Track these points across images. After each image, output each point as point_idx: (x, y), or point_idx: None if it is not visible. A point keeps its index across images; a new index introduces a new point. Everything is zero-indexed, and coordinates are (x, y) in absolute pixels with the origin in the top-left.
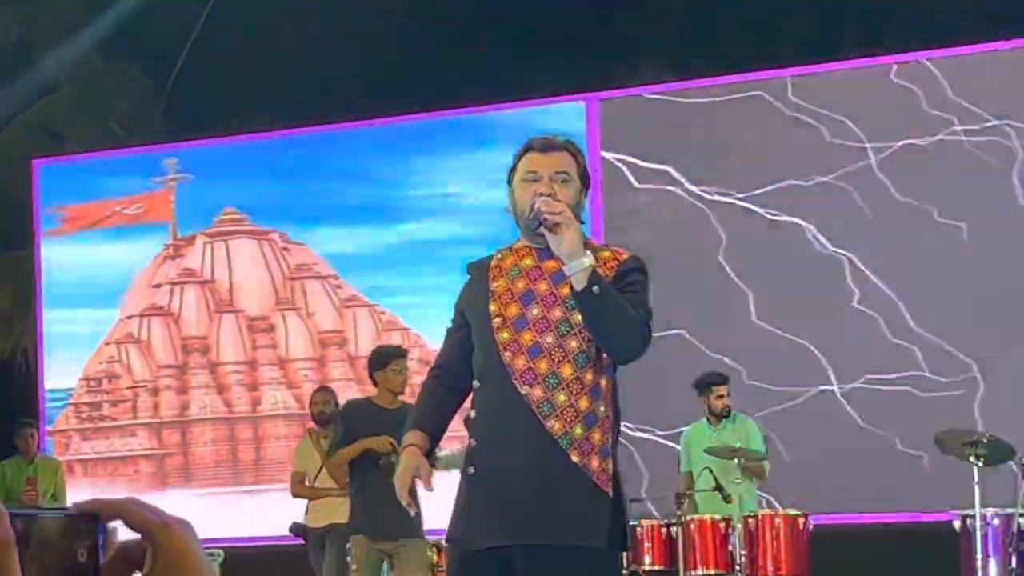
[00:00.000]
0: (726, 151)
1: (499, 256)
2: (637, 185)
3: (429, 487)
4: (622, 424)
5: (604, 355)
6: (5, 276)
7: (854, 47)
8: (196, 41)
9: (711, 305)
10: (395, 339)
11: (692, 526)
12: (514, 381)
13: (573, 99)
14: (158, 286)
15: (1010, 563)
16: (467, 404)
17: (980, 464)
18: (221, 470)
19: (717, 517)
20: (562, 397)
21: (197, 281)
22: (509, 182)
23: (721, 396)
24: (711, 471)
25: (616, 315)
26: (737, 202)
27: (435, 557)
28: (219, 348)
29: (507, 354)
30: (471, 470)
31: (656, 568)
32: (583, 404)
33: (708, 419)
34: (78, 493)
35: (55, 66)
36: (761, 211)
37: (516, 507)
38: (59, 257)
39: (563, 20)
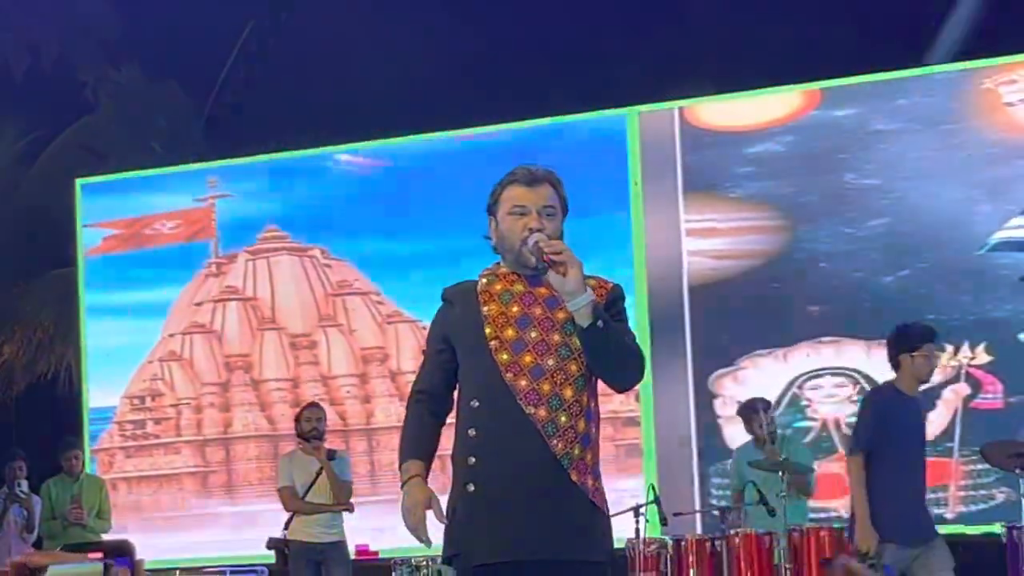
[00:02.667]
0: None
1: (484, 282)
2: None
3: (443, 520)
4: None
5: (596, 379)
6: (48, 294)
7: None
8: (236, 59)
9: None
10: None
11: (736, 540)
12: (519, 401)
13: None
14: (200, 304)
15: None
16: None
17: None
18: (265, 487)
19: (761, 531)
20: (564, 418)
21: (239, 298)
22: (491, 212)
23: (763, 425)
24: (755, 485)
25: (619, 347)
26: None
27: None
28: (262, 365)
29: (508, 375)
30: (471, 488)
31: None
32: (580, 425)
33: (755, 442)
34: (122, 511)
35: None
36: None
37: (523, 523)
38: (101, 275)
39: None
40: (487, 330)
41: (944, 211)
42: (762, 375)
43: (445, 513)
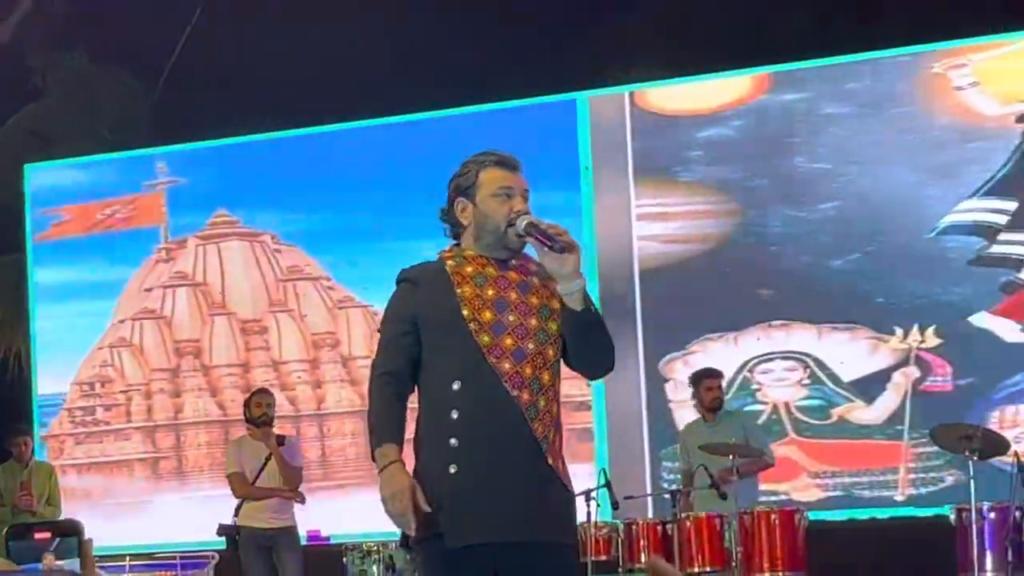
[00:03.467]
0: None
1: (453, 263)
2: None
3: (426, 506)
4: None
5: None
6: None
7: None
8: (185, 44)
9: None
10: None
11: (688, 523)
12: (504, 384)
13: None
14: (150, 290)
15: (1006, 556)
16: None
17: (975, 458)
18: (215, 473)
19: (712, 513)
20: (542, 402)
21: (189, 284)
22: (465, 194)
23: (711, 389)
24: (706, 468)
25: (603, 334)
26: None
27: None
28: (212, 351)
29: (492, 358)
30: (453, 469)
31: None
32: (554, 410)
33: (703, 415)
34: (72, 498)
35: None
36: None
37: (507, 505)
38: (50, 261)
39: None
40: (464, 312)
41: (894, 195)
42: (713, 359)
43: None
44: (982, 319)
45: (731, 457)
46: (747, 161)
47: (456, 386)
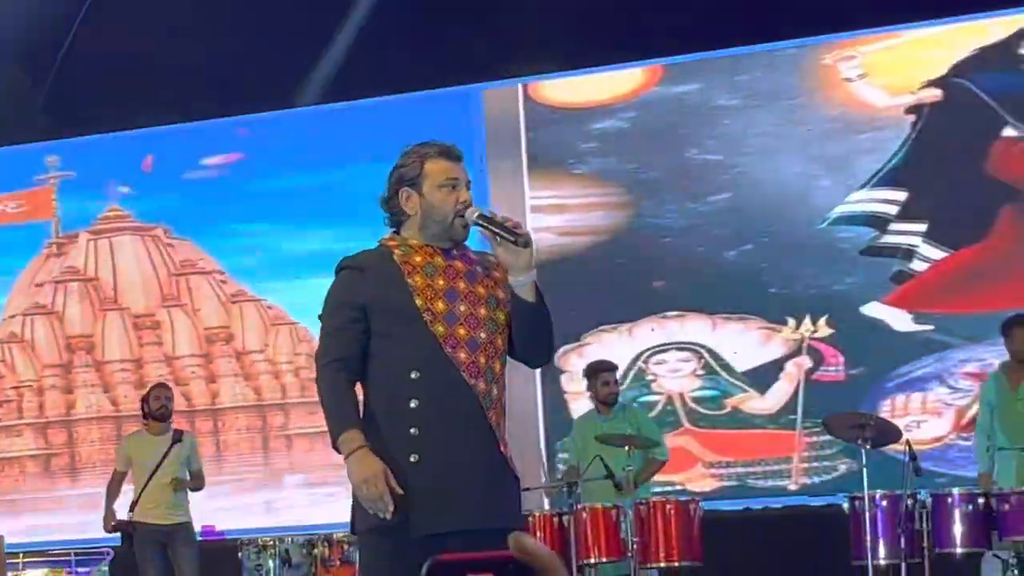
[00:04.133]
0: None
1: (401, 252)
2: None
3: (399, 490)
4: None
5: None
6: None
7: None
8: (76, 36)
9: None
10: (283, 334)
11: (584, 514)
12: (462, 373)
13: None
14: (41, 285)
15: (899, 544)
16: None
17: (868, 447)
18: (109, 469)
19: (608, 504)
20: (495, 390)
21: (81, 279)
22: (410, 184)
23: (607, 383)
24: (601, 459)
25: (550, 325)
26: None
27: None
28: (104, 346)
29: (448, 348)
30: (413, 458)
31: None
32: (504, 398)
33: (597, 408)
34: None
35: None
36: None
37: (469, 493)
38: None
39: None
40: (418, 301)
41: (785, 186)
42: (607, 350)
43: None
44: (874, 309)
45: (626, 449)
46: (640, 153)
47: (414, 375)
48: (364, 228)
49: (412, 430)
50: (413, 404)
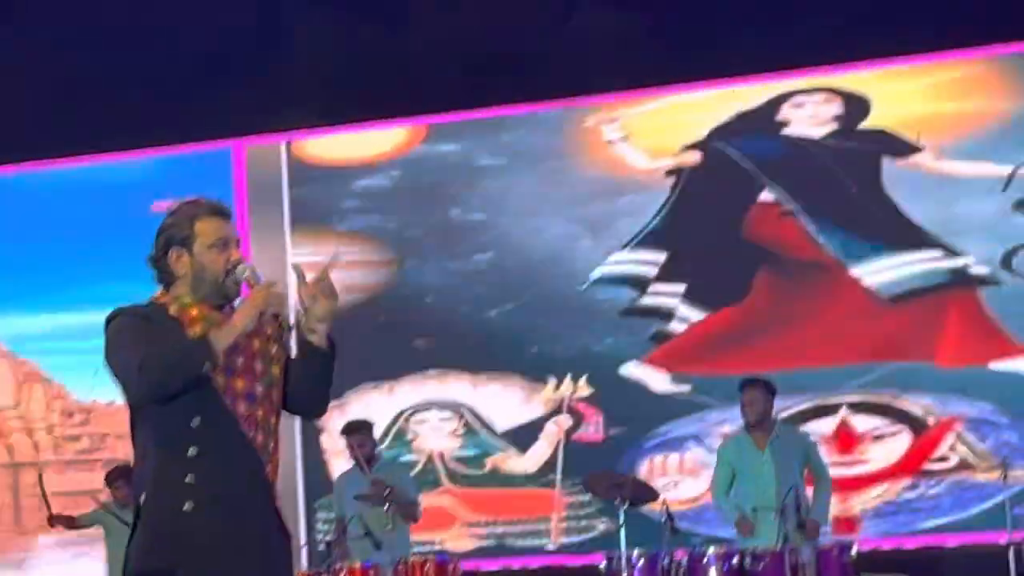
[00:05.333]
0: None
1: (176, 307)
2: None
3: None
4: None
5: None
6: None
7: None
8: None
9: None
10: (37, 391)
11: (342, 573)
12: (241, 425)
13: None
14: None
15: None
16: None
17: (626, 506)
18: None
19: (367, 564)
20: (271, 444)
21: None
22: (180, 244)
23: (362, 444)
24: (361, 517)
25: (331, 375)
26: None
27: None
28: None
29: (227, 399)
30: (188, 506)
31: None
32: (279, 454)
33: (359, 466)
34: None
35: None
36: None
37: (242, 545)
38: None
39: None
40: None
41: (547, 246)
42: (369, 408)
43: (148, 528)
44: (633, 369)
45: (385, 507)
46: (404, 212)
47: (195, 423)
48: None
49: (188, 477)
50: (191, 452)
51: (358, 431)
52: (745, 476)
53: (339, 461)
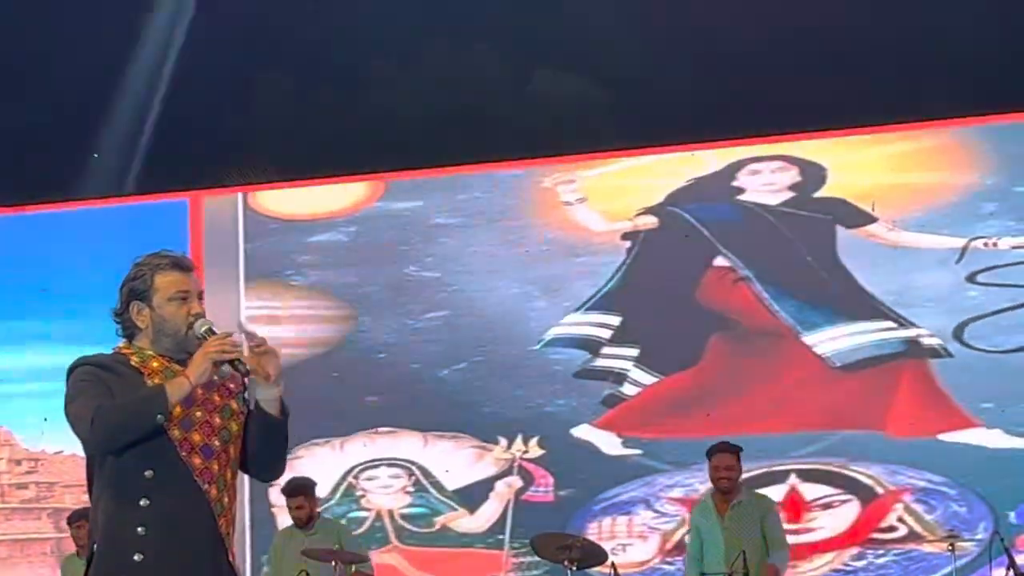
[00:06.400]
0: None
1: (138, 359)
2: None
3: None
4: None
5: None
6: None
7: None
8: None
9: None
10: None
11: None
12: (196, 478)
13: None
14: None
15: None
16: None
17: (574, 568)
18: None
19: None
20: (226, 499)
21: None
22: (140, 298)
23: (300, 507)
24: (307, 574)
25: (287, 441)
26: None
27: None
28: None
29: (183, 452)
30: (138, 557)
31: None
32: (234, 508)
33: (296, 523)
34: None
35: None
36: None
37: None
38: None
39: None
40: None
41: (501, 306)
42: (318, 464)
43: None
44: (584, 431)
45: (333, 564)
46: (359, 267)
47: (148, 474)
48: (76, 325)
49: (140, 529)
50: (143, 503)
51: (298, 493)
52: (707, 541)
53: (286, 516)
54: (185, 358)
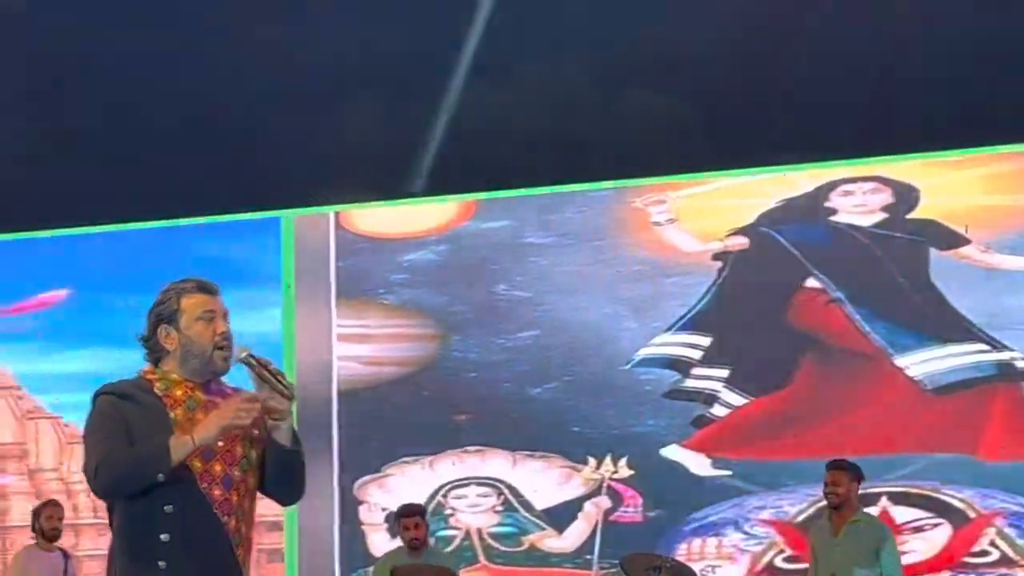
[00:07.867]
0: None
1: (161, 385)
2: None
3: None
4: None
5: None
6: None
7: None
8: None
9: None
10: (78, 452)
11: None
12: (215, 511)
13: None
14: None
15: None
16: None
17: None
18: None
19: None
20: (244, 529)
21: None
22: (168, 321)
23: (407, 528)
24: None
25: (303, 470)
26: None
27: None
28: None
29: (204, 484)
30: (162, 564)
31: None
32: (251, 536)
33: (406, 549)
34: None
35: None
36: None
37: None
38: None
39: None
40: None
41: (592, 325)
42: (408, 483)
43: None
44: (674, 452)
45: None
46: (450, 286)
47: (168, 509)
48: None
49: (161, 563)
50: (164, 537)
51: (415, 513)
52: (820, 562)
53: (377, 535)
54: (209, 380)
